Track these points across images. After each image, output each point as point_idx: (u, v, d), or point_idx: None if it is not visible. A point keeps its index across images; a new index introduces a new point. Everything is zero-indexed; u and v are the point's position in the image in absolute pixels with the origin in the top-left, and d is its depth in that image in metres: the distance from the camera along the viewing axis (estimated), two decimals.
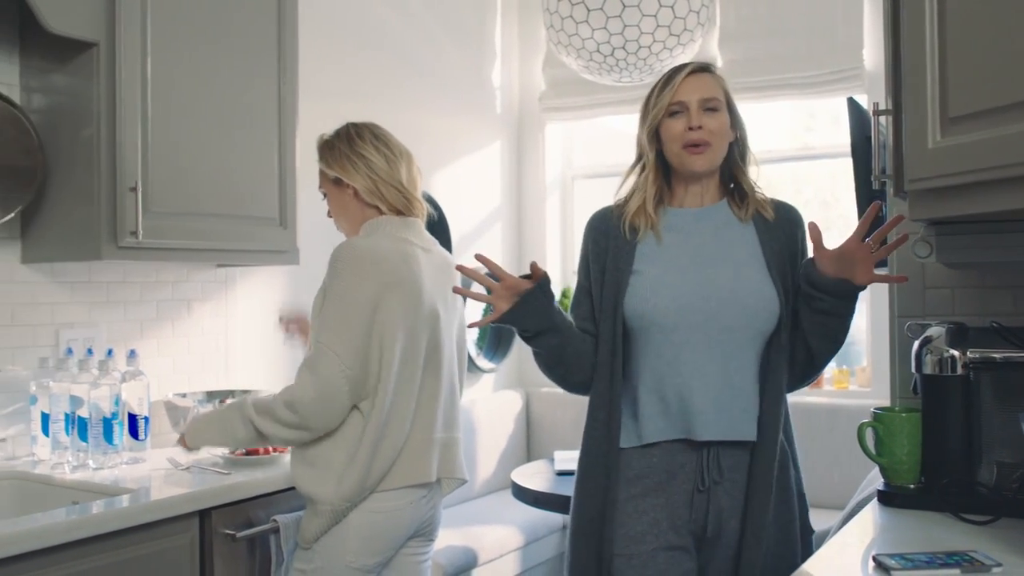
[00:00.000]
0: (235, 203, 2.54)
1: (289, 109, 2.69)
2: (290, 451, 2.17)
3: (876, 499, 1.78)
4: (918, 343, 1.81)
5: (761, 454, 1.83)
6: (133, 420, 2.42)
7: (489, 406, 4.16)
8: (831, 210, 4.27)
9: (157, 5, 2.33)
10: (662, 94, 1.91)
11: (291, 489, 2.18)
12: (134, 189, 2.25)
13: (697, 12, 3.65)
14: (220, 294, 2.93)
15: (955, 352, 1.75)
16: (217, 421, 2.13)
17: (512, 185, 4.59)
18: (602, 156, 4.71)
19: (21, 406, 2.38)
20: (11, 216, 2.33)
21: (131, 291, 2.66)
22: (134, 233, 2.25)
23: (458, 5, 4.20)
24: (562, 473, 3.22)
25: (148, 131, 2.31)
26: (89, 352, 2.42)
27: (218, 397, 2.60)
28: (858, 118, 2.05)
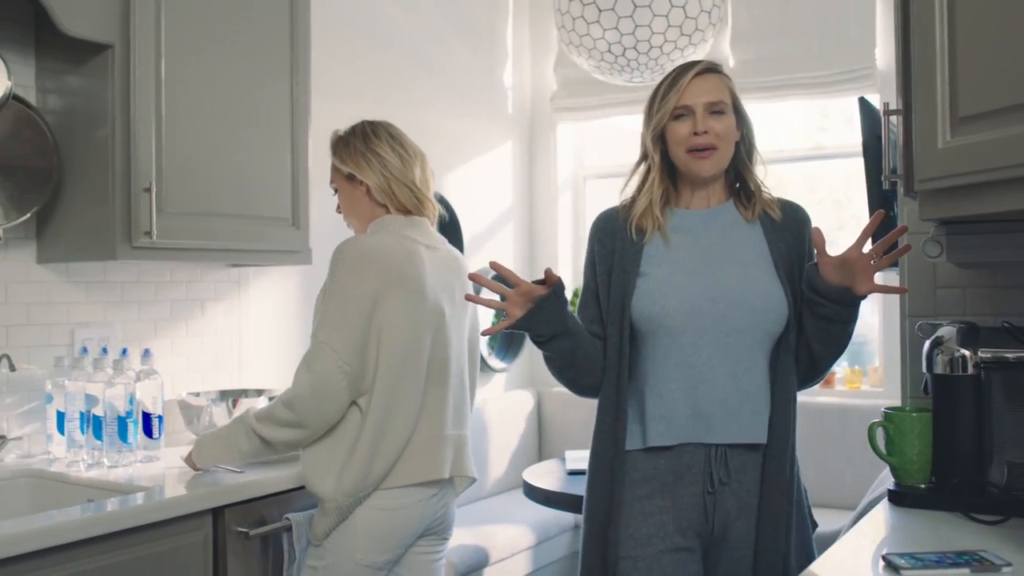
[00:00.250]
0: (248, 203, 2.56)
1: (301, 109, 2.71)
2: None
3: (887, 498, 1.78)
4: (929, 343, 1.81)
5: (774, 456, 1.82)
6: (147, 419, 2.44)
7: (501, 405, 4.16)
8: (844, 210, 4.25)
9: (171, 7, 2.35)
10: (667, 96, 1.89)
11: (303, 488, 2.19)
12: (148, 190, 2.27)
13: (708, 12, 3.64)
14: (233, 294, 2.95)
15: (966, 352, 1.75)
16: (222, 438, 2.15)
17: (524, 185, 4.59)
18: (614, 156, 4.69)
19: (37, 405, 2.40)
20: (27, 217, 2.35)
21: (145, 291, 2.68)
22: (148, 233, 2.27)
23: (469, 6, 4.20)
24: (573, 472, 3.22)
25: (162, 132, 2.33)
26: (104, 351, 2.44)
27: (231, 396, 2.62)
28: (870, 118, 2.05)
